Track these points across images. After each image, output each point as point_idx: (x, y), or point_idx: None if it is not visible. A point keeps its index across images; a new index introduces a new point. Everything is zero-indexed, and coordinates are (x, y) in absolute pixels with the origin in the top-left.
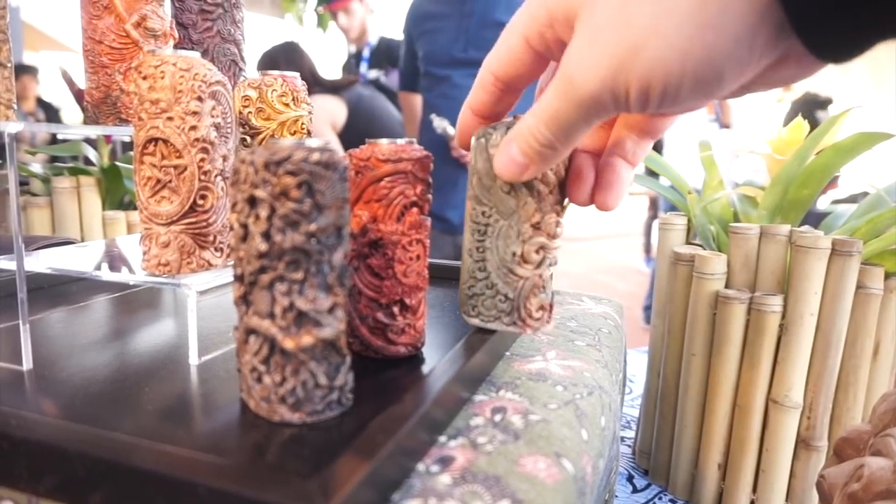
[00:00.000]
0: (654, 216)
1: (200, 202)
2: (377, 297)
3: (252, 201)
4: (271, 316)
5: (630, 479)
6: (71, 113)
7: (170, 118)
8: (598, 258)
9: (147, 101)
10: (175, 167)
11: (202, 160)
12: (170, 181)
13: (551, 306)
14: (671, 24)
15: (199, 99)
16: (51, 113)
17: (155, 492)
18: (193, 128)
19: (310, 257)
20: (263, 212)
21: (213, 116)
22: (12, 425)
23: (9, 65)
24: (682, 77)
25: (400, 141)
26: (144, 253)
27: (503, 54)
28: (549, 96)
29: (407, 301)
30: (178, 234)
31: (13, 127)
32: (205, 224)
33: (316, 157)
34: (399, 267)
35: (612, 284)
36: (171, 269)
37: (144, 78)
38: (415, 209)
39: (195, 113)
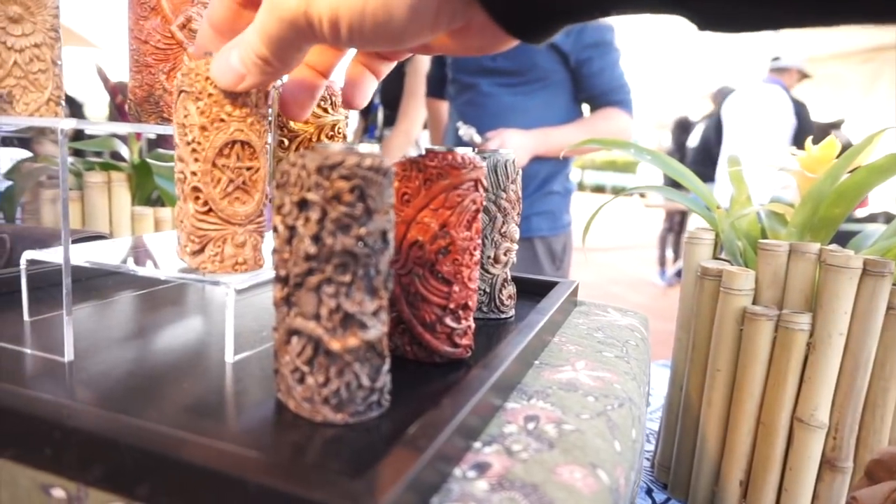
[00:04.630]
0: (668, 228)
1: (267, 202)
2: (446, 303)
3: (302, 204)
4: (317, 317)
5: (649, 492)
6: (94, 108)
7: (251, 122)
8: (611, 269)
9: (230, 103)
10: (249, 168)
11: (278, 161)
12: (243, 182)
13: (515, 295)
14: None
15: (270, 104)
16: (74, 108)
17: (202, 486)
18: (266, 131)
19: (358, 261)
20: (314, 215)
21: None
22: (64, 415)
23: (59, 62)
24: (363, 18)
25: (464, 148)
26: (216, 253)
27: None
28: (261, 12)
29: (470, 303)
30: (251, 233)
31: (66, 123)
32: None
33: (368, 162)
34: (466, 272)
35: (625, 296)
36: (248, 266)
37: None
38: (479, 215)
39: (265, 116)
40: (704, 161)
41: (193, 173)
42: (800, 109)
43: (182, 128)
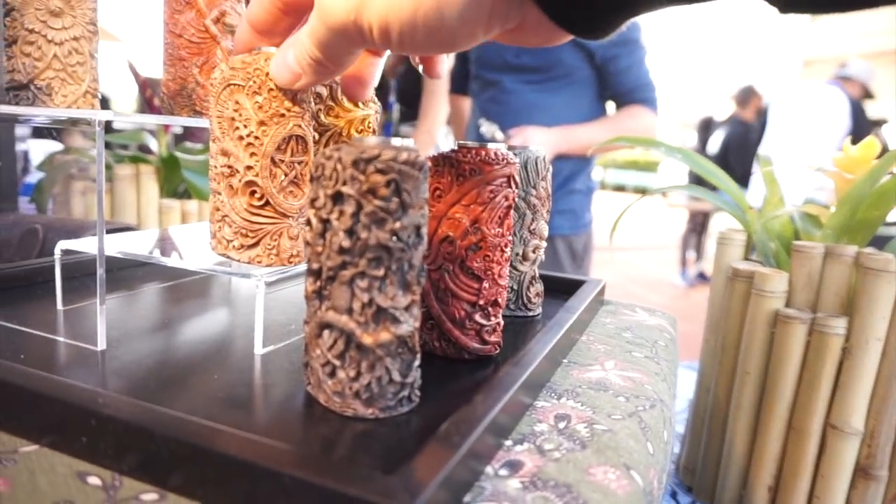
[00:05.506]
0: (692, 229)
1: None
2: (476, 300)
3: (337, 198)
4: (349, 311)
5: (674, 495)
6: (120, 103)
7: (306, 116)
8: (632, 268)
9: (290, 99)
10: (301, 162)
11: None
12: (295, 176)
13: (542, 292)
14: None
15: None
16: (101, 102)
17: (236, 478)
18: (311, 125)
19: (392, 255)
20: (349, 208)
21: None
22: (99, 403)
23: (96, 55)
24: (415, 25)
25: (496, 144)
26: (273, 247)
27: None
28: (313, 14)
29: (500, 300)
30: (302, 225)
31: (103, 115)
32: None
33: (404, 156)
34: (496, 268)
35: (645, 296)
36: (300, 259)
37: None
38: (511, 211)
39: (311, 110)
40: (724, 167)
41: (249, 167)
42: (856, 110)
43: (230, 122)
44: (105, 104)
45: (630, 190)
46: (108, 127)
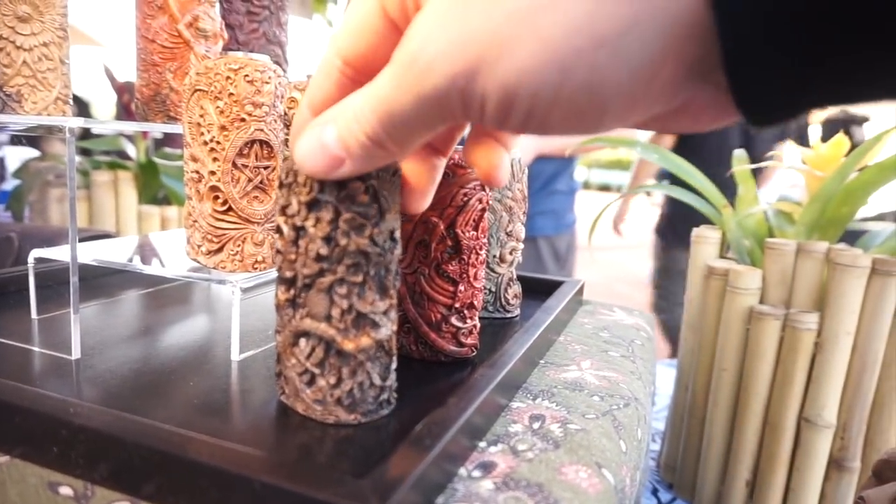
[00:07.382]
0: None
1: None
2: (451, 303)
3: (313, 204)
4: (328, 318)
5: (654, 492)
6: (100, 108)
7: (270, 121)
8: (616, 268)
9: (250, 103)
10: (266, 167)
11: (284, 160)
12: (261, 181)
13: (521, 294)
14: (556, 22)
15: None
16: (81, 107)
17: (208, 485)
18: (282, 130)
19: (370, 260)
20: (327, 215)
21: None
22: (70, 413)
23: (67, 61)
24: (556, 101)
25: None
26: (236, 252)
27: (353, 28)
28: (386, 79)
29: (475, 302)
30: (269, 231)
31: (74, 122)
32: None
33: None
34: (472, 271)
35: (631, 295)
36: (266, 265)
37: (251, 82)
38: (485, 214)
39: (281, 114)
40: (719, 162)
41: (212, 173)
42: None
43: (197, 127)
44: (85, 109)
45: (615, 189)
46: (85, 133)
